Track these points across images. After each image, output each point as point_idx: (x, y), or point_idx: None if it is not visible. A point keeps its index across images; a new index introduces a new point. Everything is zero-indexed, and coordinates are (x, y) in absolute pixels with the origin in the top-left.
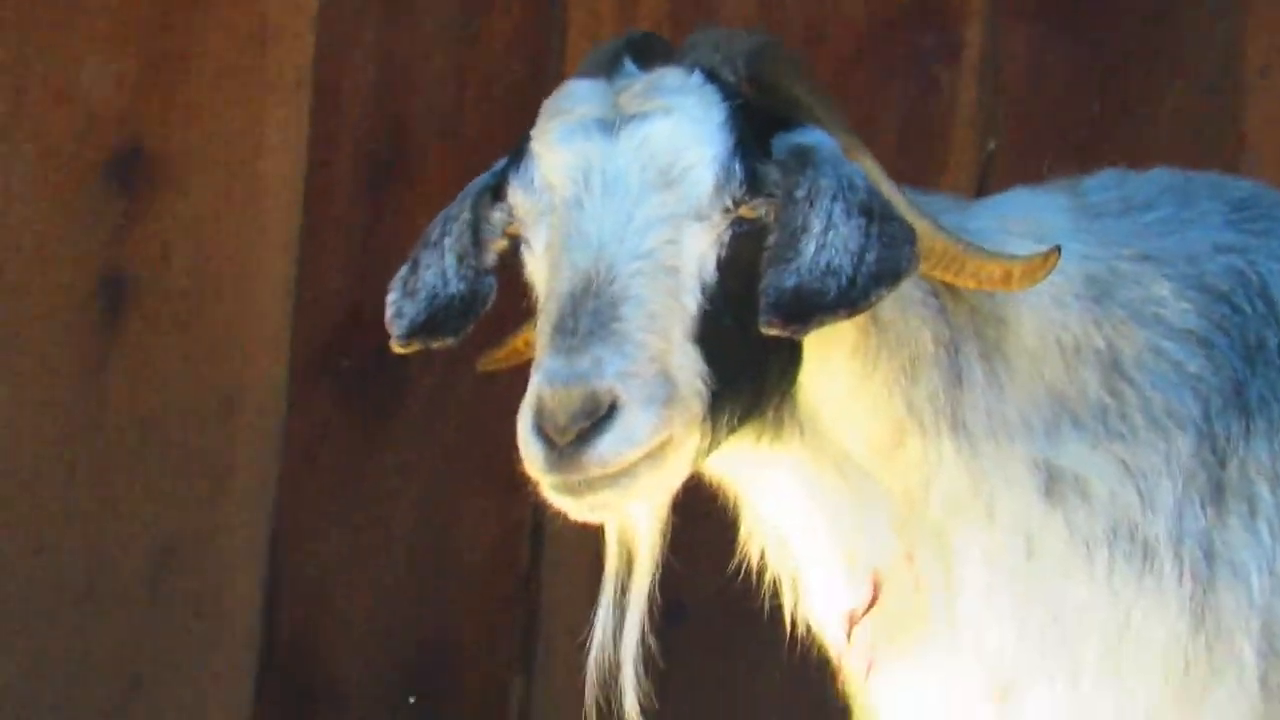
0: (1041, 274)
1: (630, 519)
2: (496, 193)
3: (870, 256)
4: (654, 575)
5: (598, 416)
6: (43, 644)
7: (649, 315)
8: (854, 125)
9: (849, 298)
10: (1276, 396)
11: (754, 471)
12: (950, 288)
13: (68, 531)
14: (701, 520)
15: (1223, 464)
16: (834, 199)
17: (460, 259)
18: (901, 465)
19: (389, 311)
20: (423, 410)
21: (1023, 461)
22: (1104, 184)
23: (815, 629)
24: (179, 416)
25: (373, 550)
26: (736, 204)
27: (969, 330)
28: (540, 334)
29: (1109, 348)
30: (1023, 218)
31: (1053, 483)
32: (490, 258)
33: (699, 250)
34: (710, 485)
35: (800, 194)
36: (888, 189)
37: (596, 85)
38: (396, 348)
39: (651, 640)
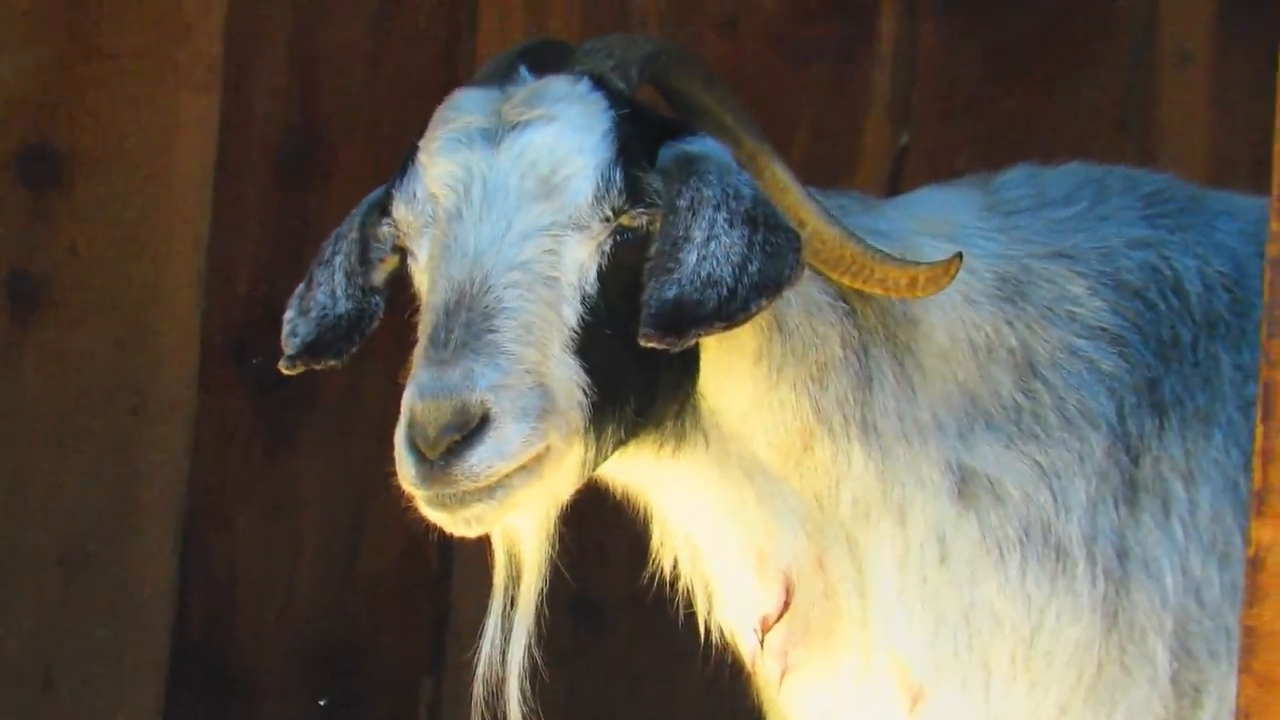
0: (945, 280)
1: (514, 531)
2: (384, 208)
3: (753, 267)
4: (541, 588)
5: (468, 429)
6: None
7: (524, 326)
8: (766, 117)
9: (728, 309)
10: (1190, 393)
11: (660, 481)
12: (858, 290)
13: None
14: (613, 525)
15: (1136, 462)
16: (717, 208)
17: (349, 277)
18: (810, 470)
19: (285, 329)
20: (333, 409)
21: (935, 463)
22: (1016, 180)
23: (729, 635)
24: (89, 414)
25: (283, 550)
26: (617, 213)
27: (879, 332)
28: (417, 347)
29: (1022, 347)
30: (933, 217)
31: (965, 485)
32: (378, 275)
33: (578, 260)
34: (619, 494)
35: (683, 203)
36: (799, 194)
37: (486, 94)
38: (284, 369)
39: (538, 654)
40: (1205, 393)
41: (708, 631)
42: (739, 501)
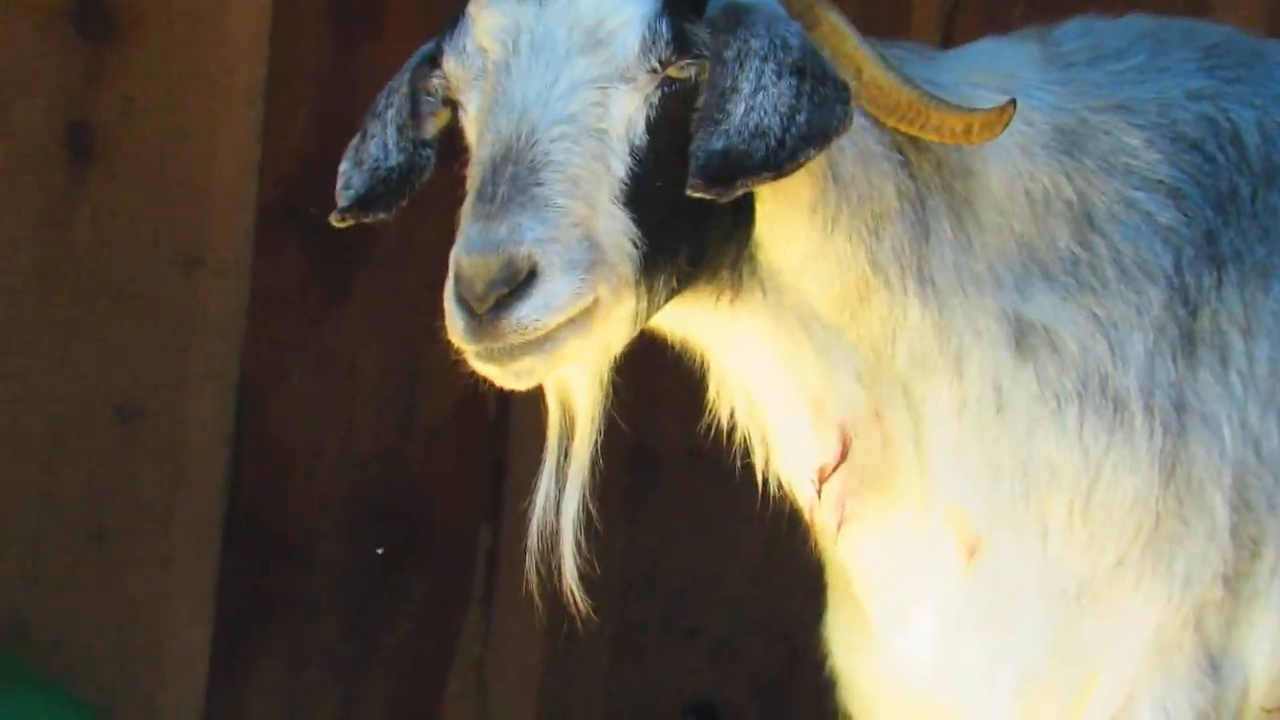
0: (1000, 126)
1: (567, 383)
2: (435, 61)
3: (800, 118)
4: (595, 440)
5: (516, 283)
6: (5, 497)
7: (571, 180)
8: None
9: (776, 159)
10: (1248, 246)
11: (717, 332)
12: (915, 141)
13: (32, 385)
14: (671, 376)
15: (1194, 315)
16: (765, 59)
17: (400, 130)
18: (867, 320)
19: (340, 181)
20: (388, 260)
21: (992, 314)
22: (1074, 32)
23: (787, 486)
24: (144, 267)
25: (339, 402)
26: (664, 65)
27: (935, 183)
28: (465, 201)
29: (1080, 199)
30: (989, 69)
31: (1023, 336)
32: (429, 128)
33: (626, 112)
34: (675, 345)
35: (729, 54)
36: (855, 41)
37: None
38: (334, 221)
39: (594, 505)
40: (1264, 245)
41: (765, 482)
42: (796, 352)
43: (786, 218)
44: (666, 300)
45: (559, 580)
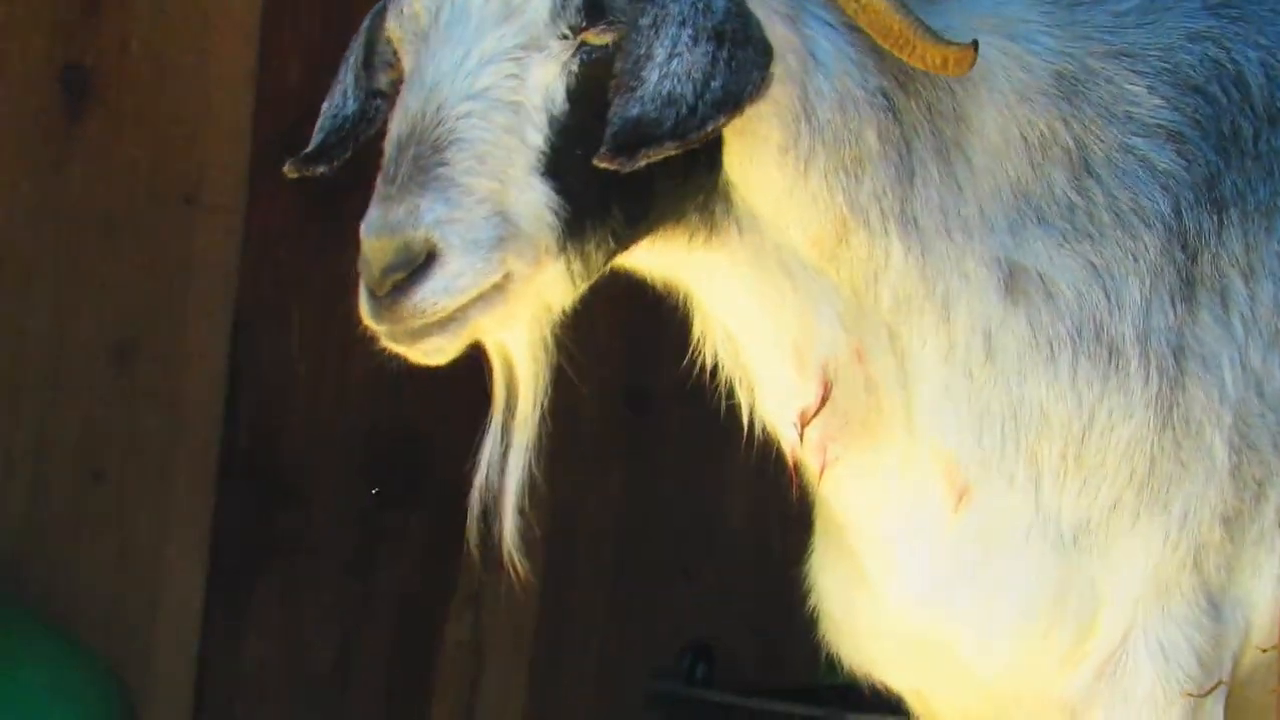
0: (966, 64)
1: (507, 345)
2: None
3: (715, 84)
4: (540, 400)
5: (414, 266)
6: (5, 436)
7: (478, 157)
8: None
9: (684, 128)
10: (1251, 187)
11: (695, 272)
12: (904, 86)
13: (29, 325)
14: (668, 313)
15: (1194, 259)
16: (682, 24)
17: (356, 79)
18: (848, 262)
19: (318, 123)
20: None
21: (981, 259)
22: None
23: (770, 428)
24: (140, 209)
25: (333, 343)
26: (575, 31)
27: (924, 128)
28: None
29: (1077, 146)
30: (994, 15)
31: (1014, 281)
32: (382, 79)
33: (544, 82)
34: (660, 286)
35: (645, 21)
36: None
37: None
38: (287, 172)
39: (537, 472)
40: (1267, 186)
41: (752, 423)
42: (775, 293)
43: (757, 159)
44: (609, 257)
45: (499, 542)
